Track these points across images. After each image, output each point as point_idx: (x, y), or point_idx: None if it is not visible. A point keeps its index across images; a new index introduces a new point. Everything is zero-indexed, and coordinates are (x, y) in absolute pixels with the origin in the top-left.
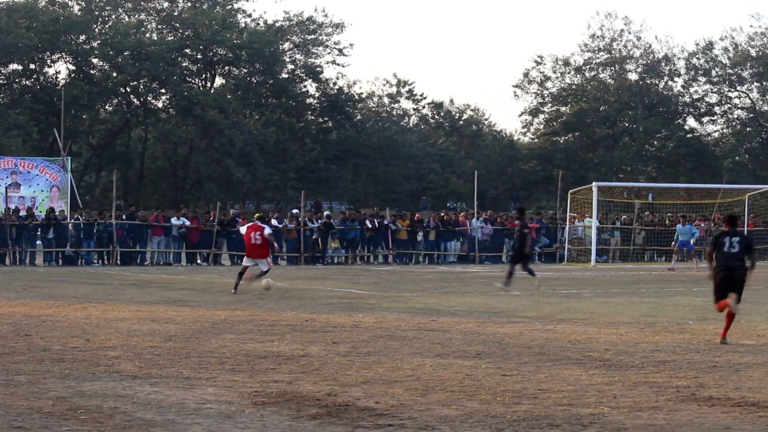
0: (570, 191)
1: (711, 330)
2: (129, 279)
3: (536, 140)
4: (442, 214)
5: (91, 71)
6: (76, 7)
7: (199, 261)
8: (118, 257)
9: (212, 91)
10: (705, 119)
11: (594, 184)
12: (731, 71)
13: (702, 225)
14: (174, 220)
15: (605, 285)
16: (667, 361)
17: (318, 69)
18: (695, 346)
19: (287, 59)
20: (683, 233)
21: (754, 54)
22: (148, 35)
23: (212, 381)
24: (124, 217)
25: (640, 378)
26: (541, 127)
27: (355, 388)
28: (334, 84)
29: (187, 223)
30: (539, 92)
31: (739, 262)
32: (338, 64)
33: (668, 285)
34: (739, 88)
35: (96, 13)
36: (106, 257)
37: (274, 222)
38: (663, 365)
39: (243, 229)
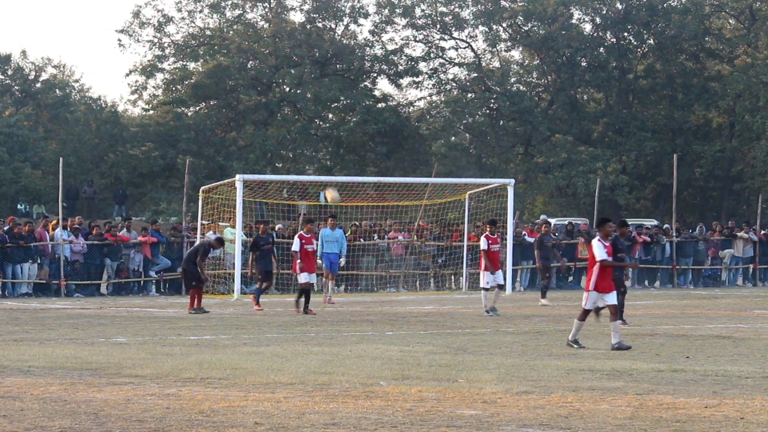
0: (203, 188)
1: (412, 394)
2: None
3: (152, 112)
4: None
5: None
6: None
7: None
8: None
9: None
10: (405, 81)
11: (238, 177)
12: (445, 10)
13: (401, 238)
14: None
15: (255, 327)
16: None
17: None
18: (390, 417)
19: None
20: (330, 240)
21: None
22: None
23: None
24: None
25: None
26: (160, 92)
27: None
28: None
29: None
30: (156, 41)
31: None
32: None
33: (349, 327)
34: (456, 34)
35: None
36: None
37: None
38: None
39: None
